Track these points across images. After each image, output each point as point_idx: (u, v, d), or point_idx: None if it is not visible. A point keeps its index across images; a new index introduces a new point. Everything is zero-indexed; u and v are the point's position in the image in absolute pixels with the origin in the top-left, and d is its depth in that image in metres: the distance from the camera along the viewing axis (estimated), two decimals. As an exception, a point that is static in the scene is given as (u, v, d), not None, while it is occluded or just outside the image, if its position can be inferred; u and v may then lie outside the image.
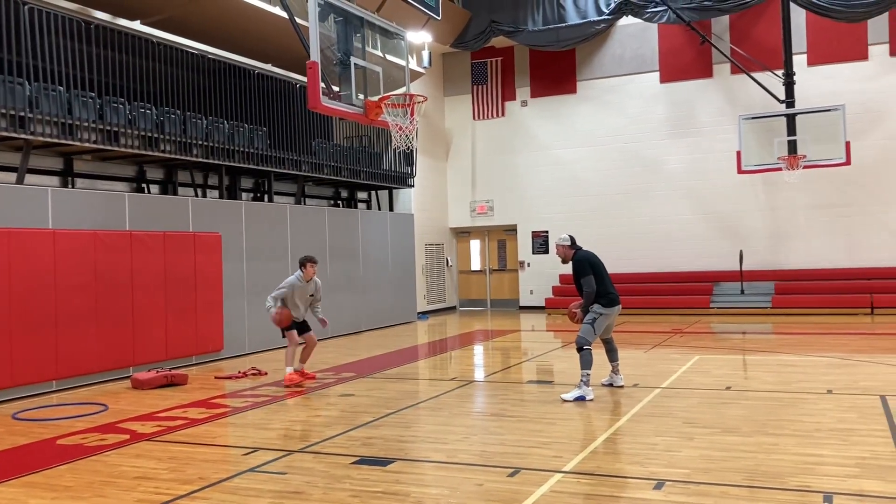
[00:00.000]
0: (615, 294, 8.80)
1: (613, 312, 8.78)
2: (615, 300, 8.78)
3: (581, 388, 8.38)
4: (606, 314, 8.68)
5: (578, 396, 8.33)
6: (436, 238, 21.64)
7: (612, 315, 8.78)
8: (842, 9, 16.91)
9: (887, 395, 8.14)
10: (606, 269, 8.87)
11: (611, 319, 8.81)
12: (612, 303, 8.73)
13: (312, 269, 10.07)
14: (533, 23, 19.66)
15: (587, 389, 8.37)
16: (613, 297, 8.76)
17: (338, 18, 8.64)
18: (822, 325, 15.68)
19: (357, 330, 16.42)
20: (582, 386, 8.39)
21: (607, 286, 8.73)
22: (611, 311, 8.72)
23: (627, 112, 20.35)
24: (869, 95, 17.97)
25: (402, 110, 8.92)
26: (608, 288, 8.72)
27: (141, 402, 9.14)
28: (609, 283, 8.78)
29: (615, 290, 8.83)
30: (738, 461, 5.86)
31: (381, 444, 6.72)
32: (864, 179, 18.01)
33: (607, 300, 8.68)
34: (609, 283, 8.77)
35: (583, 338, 8.55)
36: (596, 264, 8.74)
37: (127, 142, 11.27)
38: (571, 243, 8.89)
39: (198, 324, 12.12)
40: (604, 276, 8.74)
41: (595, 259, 8.81)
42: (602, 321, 8.66)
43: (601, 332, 8.73)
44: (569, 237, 8.94)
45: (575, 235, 9.26)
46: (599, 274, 8.69)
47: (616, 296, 8.80)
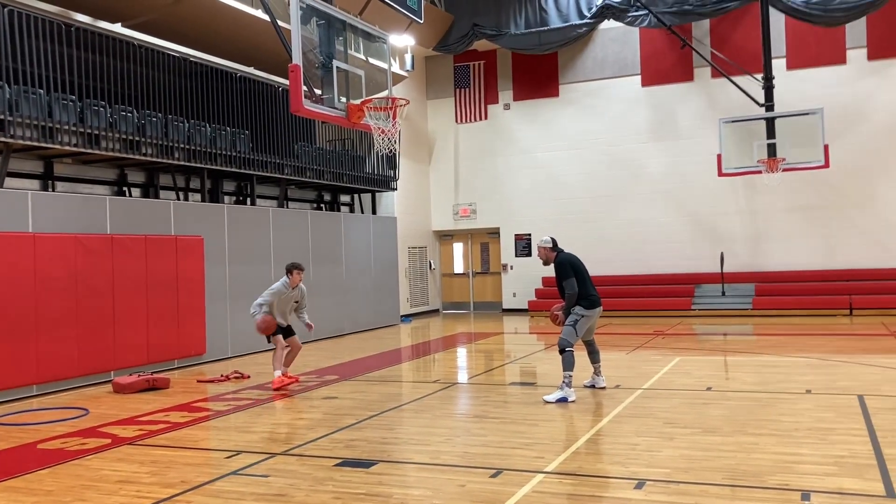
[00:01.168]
0: (596, 296, 8.85)
1: (595, 314, 8.81)
2: (596, 302, 8.82)
3: (563, 389, 8.42)
4: (588, 316, 8.71)
5: (560, 398, 8.37)
6: (419, 241, 21.66)
7: (594, 317, 8.82)
8: (820, 13, 17.12)
9: (865, 395, 8.25)
10: (588, 272, 8.91)
11: (592, 321, 8.85)
12: (593, 304, 8.77)
13: (299, 276, 10.04)
14: (515, 26, 19.74)
15: (569, 391, 8.41)
16: (594, 299, 8.80)
17: (320, 22, 8.65)
18: (801, 326, 15.84)
19: (340, 333, 16.40)
20: (564, 387, 8.43)
21: (588, 288, 8.76)
22: (592, 313, 8.76)
23: (609, 115, 20.47)
24: (847, 99, 18.18)
25: (384, 114, 8.93)
26: (589, 290, 8.76)
27: (122, 406, 9.09)
28: (590, 285, 8.82)
29: (597, 293, 8.88)
30: (718, 460, 5.92)
31: (364, 447, 6.73)
32: (843, 182, 18.22)
33: (588, 302, 8.72)
34: (590, 286, 8.81)
35: (564, 339, 8.58)
36: (577, 266, 8.79)
37: (108, 145, 11.21)
38: (553, 245, 8.93)
39: (180, 327, 12.07)
40: (585, 279, 8.78)
41: (576, 261, 8.86)
42: (583, 323, 8.70)
43: (583, 333, 8.77)
44: (550, 239, 8.97)
45: (558, 238, 9.32)
46: (581, 276, 8.73)
47: (597, 298, 8.85)
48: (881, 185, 18.05)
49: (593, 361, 9.17)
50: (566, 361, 8.50)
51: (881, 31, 17.93)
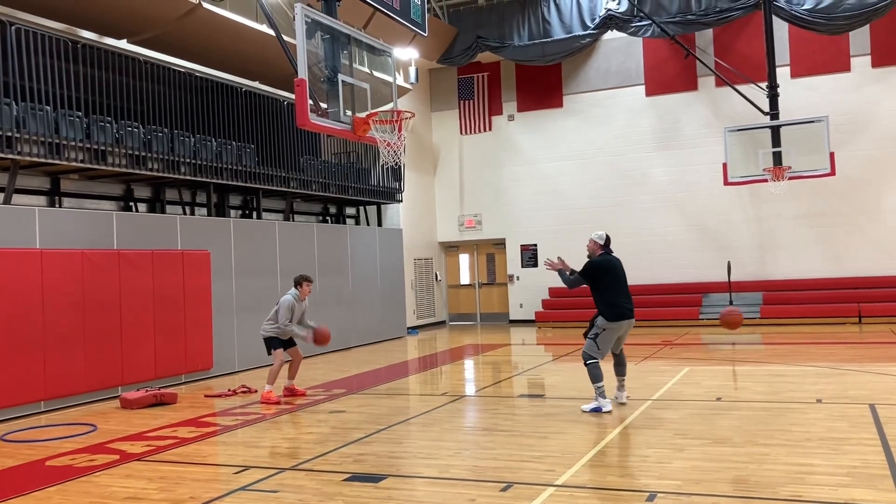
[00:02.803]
0: (624, 306, 8.41)
1: (620, 327, 8.43)
2: (625, 313, 8.40)
3: (597, 399, 8.32)
4: (611, 329, 8.37)
5: (594, 408, 8.29)
6: (424, 253, 21.66)
7: (619, 330, 8.47)
8: (823, 21, 17.11)
9: (876, 404, 8.19)
10: (624, 279, 8.58)
11: (618, 334, 8.52)
12: (618, 316, 8.37)
13: (308, 287, 10.20)
14: (519, 38, 19.79)
15: (603, 401, 8.28)
16: (622, 310, 8.39)
17: (325, 36, 8.67)
18: (810, 334, 15.76)
19: (347, 346, 16.38)
20: (597, 398, 8.31)
21: (616, 297, 8.39)
22: (615, 326, 8.39)
23: (614, 125, 20.47)
24: (852, 106, 18.15)
25: (389, 126, 8.94)
26: (616, 299, 8.38)
27: (130, 421, 9.08)
28: (621, 294, 8.44)
29: (629, 303, 8.48)
30: (729, 472, 5.88)
31: (373, 461, 6.70)
32: (849, 190, 18.17)
33: (613, 313, 8.35)
34: (620, 294, 8.43)
35: (585, 352, 8.41)
36: (609, 272, 8.50)
37: (114, 160, 11.25)
38: (604, 244, 8.69)
39: (187, 342, 12.07)
40: (615, 286, 8.43)
41: (611, 266, 8.56)
42: (605, 337, 8.39)
43: (607, 347, 8.45)
44: (604, 236, 8.74)
45: (563, 248, 9.30)
46: (610, 282, 8.41)
47: (626, 309, 8.42)
48: (887, 193, 17.99)
49: (618, 374, 8.81)
50: (591, 373, 8.34)
51: (885, 38, 17.92)
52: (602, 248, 8.67)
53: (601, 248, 8.67)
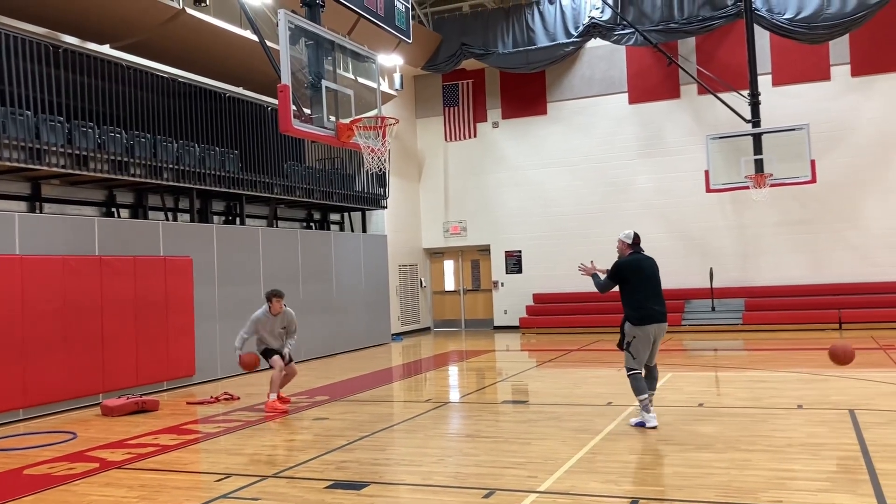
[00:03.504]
0: (653, 310, 7.81)
1: (649, 332, 7.80)
2: (652, 316, 7.80)
3: (641, 414, 7.81)
4: (640, 335, 7.78)
5: (638, 423, 7.81)
6: (409, 259, 21.64)
7: (650, 335, 7.82)
8: (804, 30, 17.29)
9: (856, 409, 8.26)
10: (655, 280, 7.98)
11: (653, 338, 7.86)
12: (644, 319, 7.77)
13: (279, 303, 9.85)
14: (503, 45, 19.86)
15: (647, 416, 7.71)
16: (649, 313, 7.79)
17: (308, 42, 8.67)
18: (792, 340, 15.88)
19: (331, 353, 16.32)
20: (641, 413, 7.80)
21: (643, 299, 7.81)
22: (643, 332, 7.78)
23: (597, 133, 20.57)
24: (832, 115, 18.34)
25: (373, 132, 8.93)
26: (643, 301, 7.80)
27: (111, 429, 9.00)
28: (650, 296, 7.84)
29: (659, 306, 7.88)
30: (711, 477, 5.91)
31: (356, 468, 6.68)
32: (830, 197, 18.34)
33: (639, 315, 7.78)
34: (649, 297, 7.83)
35: (626, 365, 7.93)
36: (636, 272, 7.90)
37: (96, 166, 11.17)
38: (631, 242, 8.13)
39: (169, 349, 11.98)
40: (642, 287, 7.84)
41: (638, 266, 7.96)
42: (638, 344, 7.80)
43: (643, 353, 7.85)
44: (632, 235, 8.18)
45: (548, 255, 9.24)
46: (637, 283, 7.85)
47: (654, 312, 7.81)
48: (867, 200, 18.18)
49: (648, 387, 8.02)
50: (632, 386, 7.83)
51: (864, 47, 18.13)
52: (631, 248, 8.09)
53: (629, 247, 8.10)
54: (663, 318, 7.89)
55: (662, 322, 7.90)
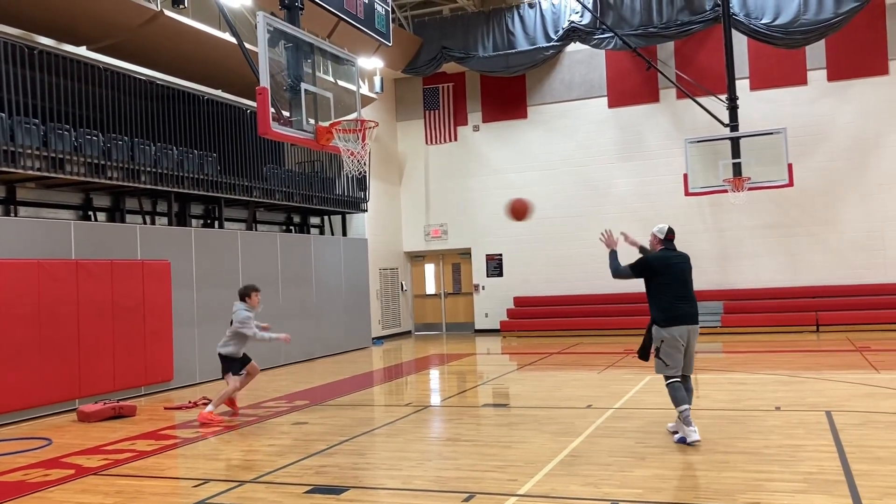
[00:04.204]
0: (682, 310, 7.20)
1: (677, 335, 7.17)
2: (681, 317, 7.17)
3: (680, 427, 7.15)
4: (668, 338, 7.18)
5: (679, 439, 7.14)
6: (390, 262, 21.60)
7: (679, 338, 7.18)
8: (781, 35, 17.47)
9: (832, 411, 8.33)
10: (685, 278, 7.40)
11: (683, 342, 7.20)
12: (671, 320, 7.16)
13: (257, 296, 9.72)
14: (483, 49, 19.89)
15: (688, 430, 7.01)
16: (676, 313, 7.18)
17: (287, 45, 8.63)
18: (770, 342, 16.01)
19: (311, 357, 16.24)
20: (680, 426, 7.15)
21: (671, 299, 7.23)
22: (671, 333, 7.17)
23: (577, 136, 20.66)
24: (809, 119, 18.54)
25: (353, 136, 8.91)
26: (671, 301, 7.22)
27: (87, 435, 8.90)
28: (679, 296, 7.26)
29: (689, 306, 7.25)
30: (689, 480, 5.93)
31: (335, 473, 6.64)
32: (807, 200, 18.52)
33: (665, 316, 7.20)
34: (678, 297, 7.25)
35: (660, 373, 7.34)
36: (663, 270, 7.37)
37: (72, 169, 11.06)
38: (664, 237, 7.59)
39: (146, 353, 11.87)
40: (670, 286, 7.27)
41: (666, 263, 7.41)
42: (667, 348, 7.18)
43: (676, 359, 7.20)
44: (666, 228, 7.65)
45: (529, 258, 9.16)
46: (665, 282, 7.30)
47: (682, 312, 7.19)
48: (844, 203, 18.38)
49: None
50: (671, 396, 7.19)
51: (839, 53, 18.34)
52: (662, 243, 7.55)
53: (661, 242, 7.56)
54: (693, 319, 7.25)
55: (693, 324, 7.25)
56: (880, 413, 8.15)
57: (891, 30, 18.01)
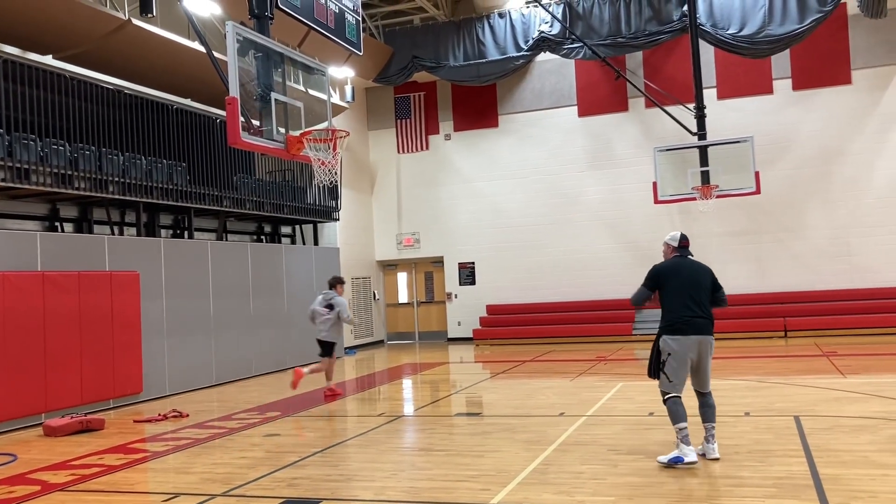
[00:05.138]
0: (690, 319, 6.68)
1: (687, 345, 6.66)
2: (689, 326, 6.66)
3: (678, 447, 6.58)
4: (675, 348, 6.66)
5: (674, 458, 6.55)
6: (362, 271, 21.53)
7: (690, 350, 6.67)
8: (747, 45, 17.74)
9: (801, 416, 8.45)
10: (697, 286, 6.87)
11: (693, 355, 6.70)
12: (678, 329, 6.66)
13: (341, 288, 12.20)
14: (454, 58, 19.95)
15: (686, 449, 6.51)
16: (684, 322, 6.68)
17: (257, 54, 8.58)
18: (739, 348, 16.19)
19: (282, 367, 16.10)
20: (679, 445, 6.57)
21: (679, 307, 6.72)
22: (678, 343, 6.66)
23: (548, 145, 20.79)
24: (775, 127, 18.84)
25: (324, 145, 8.87)
26: (679, 309, 6.71)
27: (53, 450, 8.75)
28: (688, 304, 6.75)
29: (700, 315, 6.72)
30: (661, 486, 5.97)
31: (308, 484, 6.59)
32: (774, 207, 18.80)
33: (673, 326, 6.70)
34: (687, 305, 6.74)
35: (661, 388, 6.85)
36: (672, 276, 6.93)
37: (38, 179, 10.90)
38: (678, 246, 7.18)
39: (115, 366, 11.70)
40: (679, 293, 6.77)
41: (676, 270, 6.98)
42: (673, 362, 6.66)
43: (680, 373, 6.70)
44: (678, 236, 7.23)
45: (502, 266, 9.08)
46: (673, 289, 6.83)
47: (691, 320, 6.68)
48: (810, 210, 18.68)
49: (704, 419, 6.83)
50: (669, 413, 6.69)
51: (804, 62, 18.68)
52: (675, 251, 7.16)
53: (675, 250, 7.16)
54: (706, 329, 6.73)
55: (705, 334, 6.72)
56: (847, 417, 8.28)
57: (853, 40, 18.39)
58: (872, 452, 6.68)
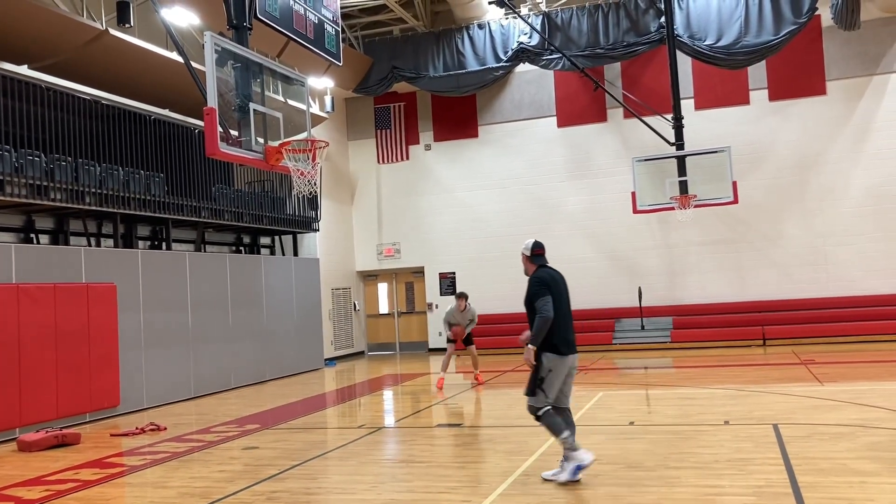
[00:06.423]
0: (570, 340, 6.61)
1: (566, 364, 6.54)
2: (569, 347, 6.56)
3: (568, 458, 6.48)
4: (556, 368, 6.48)
5: (575, 468, 6.43)
6: (342, 282, 21.45)
7: (566, 368, 6.57)
8: (723, 56, 17.93)
9: (779, 424, 8.50)
10: (568, 303, 6.75)
11: (566, 373, 6.59)
12: (560, 350, 6.50)
13: (462, 302, 13.86)
14: (434, 69, 19.99)
15: (577, 454, 6.44)
16: (566, 344, 6.54)
17: (236, 64, 8.54)
18: (718, 357, 16.28)
19: (261, 380, 16.00)
20: (569, 453, 6.46)
21: (561, 326, 6.53)
22: (562, 362, 6.51)
23: (527, 155, 20.86)
24: (752, 137, 19.03)
25: (303, 155, 8.84)
26: (558, 329, 6.50)
27: (28, 465, 8.61)
28: (568, 322, 6.67)
29: (573, 331, 6.68)
30: (642, 496, 5.97)
31: (287, 498, 6.53)
32: (752, 217, 18.97)
33: (555, 346, 6.49)
34: (567, 325, 6.64)
35: (531, 406, 6.61)
36: (553, 285, 6.62)
37: (13, 190, 10.77)
38: (532, 255, 6.83)
39: (92, 379, 11.55)
40: (558, 310, 6.51)
41: (554, 283, 6.67)
42: (552, 379, 6.47)
43: (555, 392, 6.52)
44: (532, 245, 6.86)
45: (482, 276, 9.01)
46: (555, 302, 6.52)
47: (570, 342, 6.61)
48: (787, 219, 18.86)
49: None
50: (547, 425, 6.54)
51: (780, 73, 18.91)
52: (534, 262, 6.84)
53: (532, 261, 6.86)
54: (576, 346, 6.72)
55: (576, 352, 6.71)
56: (824, 425, 8.33)
57: (828, 52, 18.64)
58: (850, 460, 6.73)
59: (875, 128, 18.37)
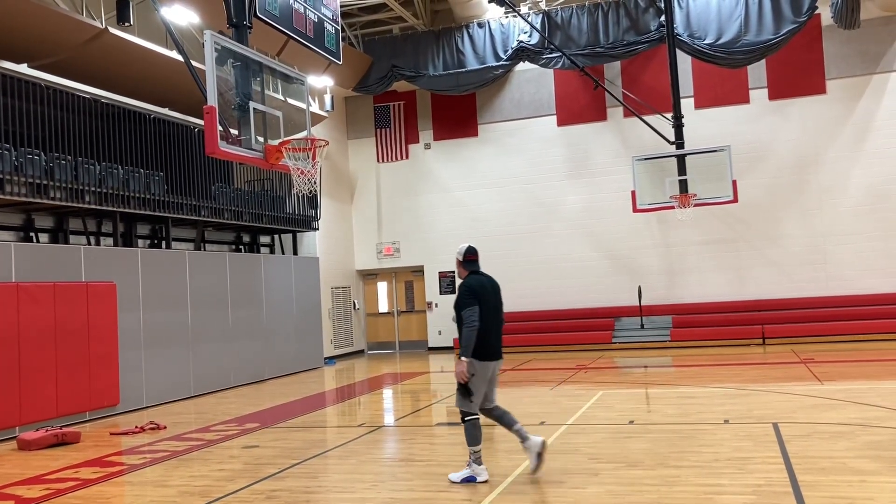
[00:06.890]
0: (496, 347, 6.66)
1: (489, 369, 6.59)
2: (495, 353, 6.64)
3: (470, 466, 6.64)
4: (479, 373, 6.52)
5: (466, 477, 6.60)
6: (342, 281, 21.45)
7: (488, 372, 6.60)
8: (723, 55, 17.92)
9: (779, 423, 8.50)
10: (499, 309, 6.80)
11: (488, 378, 6.64)
12: (486, 356, 6.53)
13: None
14: (434, 68, 19.98)
15: (478, 468, 6.61)
16: (492, 351, 6.60)
17: (236, 63, 8.54)
18: (717, 356, 16.29)
19: (261, 378, 16.00)
20: (471, 464, 6.62)
21: (489, 334, 6.57)
22: (484, 367, 6.54)
23: (527, 154, 20.86)
24: (752, 136, 19.03)
25: (303, 154, 8.83)
26: (485, 337, 6.51)
27: (28, 464, 8.61)
28: (497, 330, 6.71)
29: (499, 338, 6.72)
30: (642, 495, 5.98)
31: (287, 497, 6.53)
32: (751, 216, 18.98)
33: (481, 354, 6.50)
34: (495, 333, 6.68)
35: (461, 411, 6.63)
36: (482, 294, 6.62)
37: (13, 189, 10.77)
38: (464, 259, 6.84)
39: (91, 378, 11.56)
40: (486, 318, 6.53)
41: (483, 289, 6.68)
42: (478, 382, 6.53)
43: (480, 395, 6.59)
44: (464, 250, 6.88)
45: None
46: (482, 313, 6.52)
47: (496, 350, 6.66)
48: (786, 219, 18.87)
49: (509, 425, 6.78)
50: (467, 434, 6.61)
51: (779, 72, 18.90)
52: (466, 267, 6.87)
53: (464, 266, 6.88)
54: (501, 353, 6.76)
55: (500, 359, 6.75)
56: (824, 424, 8.34)
57: (827, 51, 18.64)
58: (850, 459, 6.73)
59: (875, 127, 18.37)
